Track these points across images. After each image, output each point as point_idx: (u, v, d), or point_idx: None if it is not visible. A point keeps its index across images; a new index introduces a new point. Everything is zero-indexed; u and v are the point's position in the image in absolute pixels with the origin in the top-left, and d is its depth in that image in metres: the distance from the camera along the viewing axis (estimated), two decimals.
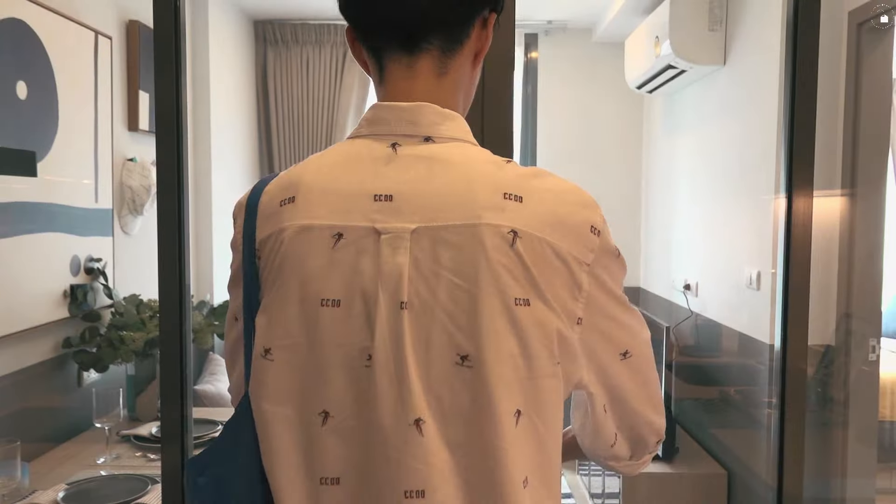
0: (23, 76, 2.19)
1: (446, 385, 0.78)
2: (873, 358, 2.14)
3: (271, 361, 0.82)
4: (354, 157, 0.84)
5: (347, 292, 0.79)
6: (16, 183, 2.17)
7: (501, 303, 0.77)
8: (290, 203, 0.83)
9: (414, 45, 0.85)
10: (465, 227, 0.78)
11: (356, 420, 0.80)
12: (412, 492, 0.78)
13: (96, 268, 2.56)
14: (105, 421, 2.18)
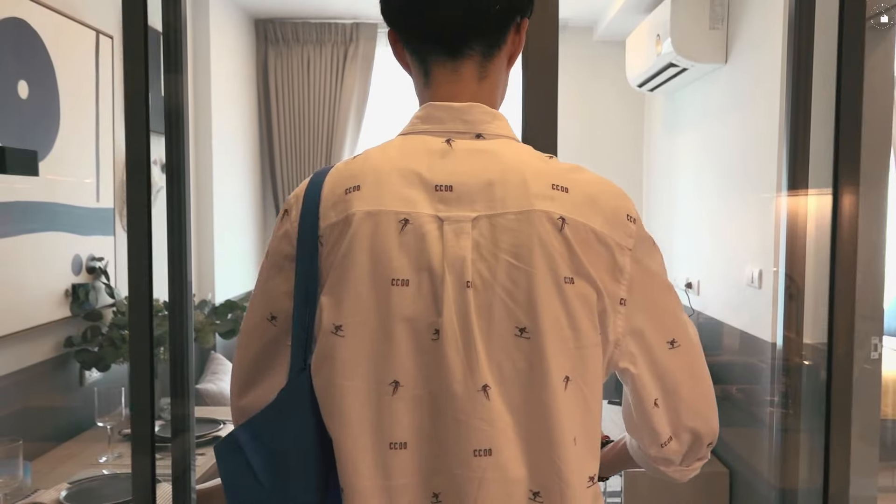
0: (24, 75, 2.19)
1: (506, 354, 0.88)
2: (875, 356, 2.13)
3: (342, 337, 0.89)
4: (412, 150, 0.93)
5: (415, 273, 0.88)
6: (17, 182, 2.17)
7: (553, 281, 0.87)
8: (356, 191, 0.90)
9: (457, 51, 0.94)
10: (520, 213, 0.88)
11: (424, 389, 0.88)
12: (480, 450, 0.87)
13: (98, 267, 2.57)
14: (107, 420, 2.19)
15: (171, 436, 1.47)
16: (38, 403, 2.32)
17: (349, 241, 0.89)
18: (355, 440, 0.89)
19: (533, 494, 0.89)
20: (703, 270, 3.48)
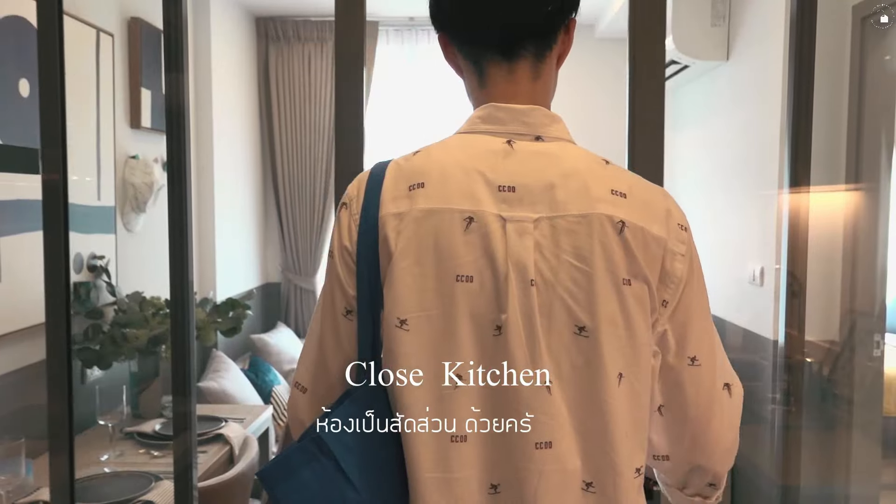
0: (25, 74, 2.18)
1: (565, 351, 0.91)
2: (878, 354, 2.13)
3: (406, 331, 0.91)
4: (475, 149, 0.95)
5: (479, 270, 0.90)
6: (19, 180, 2.17)
7: (612, 282, 0.90)
8: (420, 188, 0.92)
9: (512, 52, 0.96)
10: (581, 216, 0.91)
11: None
12: (542, 443, 0.90)
13: (99, 265, 2.56)
14: (108, 418, 2.19)
15: (173, 433, 1.48)
16: (40, 402, 2.31)
17: (414, 237, 0.91)
18: (417, 432, 0.91)
19: (586, 485, 0.92)
20: (704, 268, 3.47)
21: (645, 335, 0.92)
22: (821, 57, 1.44)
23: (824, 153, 2.27)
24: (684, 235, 0.97)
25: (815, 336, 2.28)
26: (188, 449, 1.46)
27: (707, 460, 1.01)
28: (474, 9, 0.95)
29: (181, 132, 1.43)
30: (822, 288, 2.27)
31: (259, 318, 4.36)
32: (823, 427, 2.25)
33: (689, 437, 0.99)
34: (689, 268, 0.97)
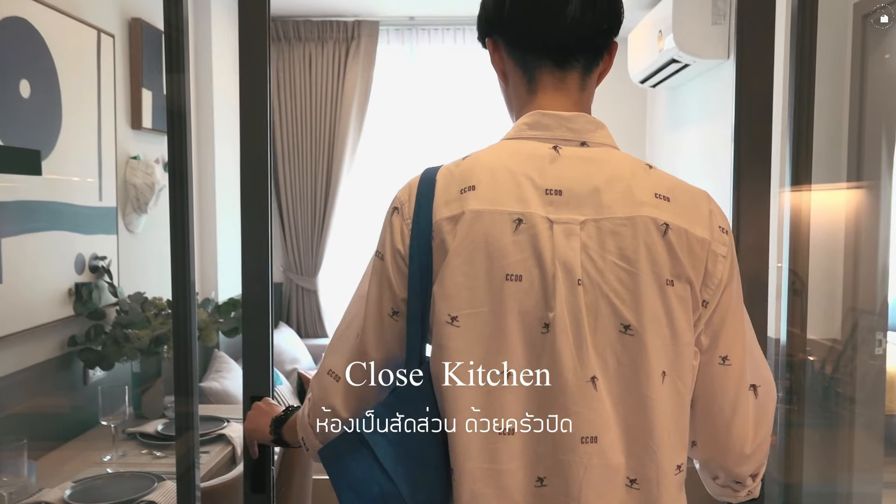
0: (26, 75, 2.19)
1: (611, 349, 0.94)
2: (880, 352, 2.13)
3: (457, 327, 0.94)
4: (522, 154, 0.98)
5: (528, 269, 0.93)
6: (20, 181, 2.17)
7: (656, 283, 0.94)
8: (472, 190, 0.96)
9: (566, 62, 1.01)
10: (626, 219, 0.94)
11: (531, 379, 0.94)
12: (587, 437, 0.93)
13: (101, 266, 2.57)
14: (111, 419, 2.19)
15: (176, 434, 1.48)
16: (42, 403, 2.32)
17: (465, 237, 0.94)
18: (465, 426, 0.94)
19: (630, 481, 0.95)
20: None
21: (688, 335, 0.96)
22: (821, 55, 1.43)
23: (825, 152, 2.27)
24: (726, 238, 1.00)
25: (816, 334, 2.27)
26: (190, 449, 1.47)
27: (724, 459, 1.04)
28: (538, 18, 0.99)
29: (182, 133, 1.44)
30: (823, 286, 2.27)
31: None
32: (826, 425, 2.25)
33: (709, 433, 1.03)
34: (729, 270, 0.99)
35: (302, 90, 4.31)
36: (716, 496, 1.13)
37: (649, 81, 3.77)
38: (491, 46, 1.07)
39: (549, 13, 0.98)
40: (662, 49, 3.26)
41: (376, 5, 4.13)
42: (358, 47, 4.27)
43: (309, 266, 4.43)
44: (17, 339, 2.16)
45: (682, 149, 3.84)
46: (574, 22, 0.98)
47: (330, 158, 4.34)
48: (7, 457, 1.78)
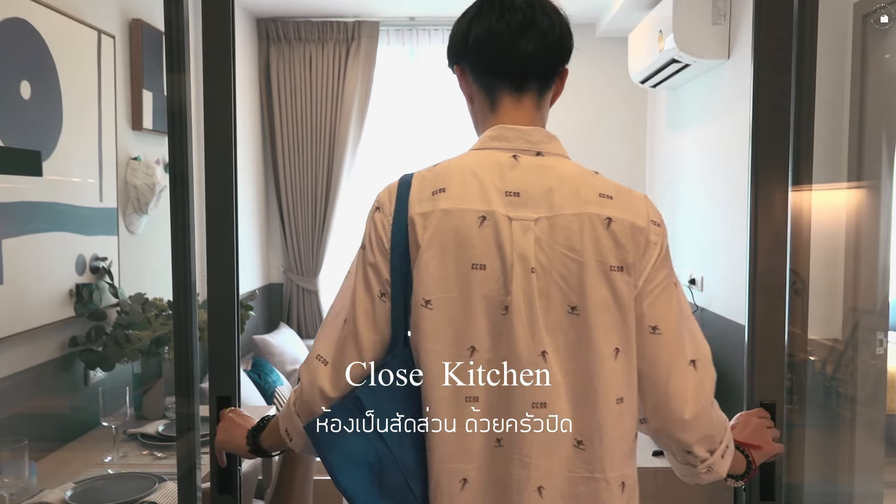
0: (26, 76, 2.19)
1: (559, 327, 1.09)
2: (881, 352, 2.13)
3: (430, 310, 1.10)
4: (486, 162, 1.14)
5: (490, 259, 1.09)
6: (21, 182, 2.17)
7: (601, 269, 1.09)
8: (442, 192, 1.11)
9: (522, 86, 1.19)
10: (574, 216, 1.10)
11: (493, 353, 1.09)
12: (537, 403, 1.09)
13: (101, 267, 2.57)
14: (112, 419, 2.19)
15: (177, 435, 1.48)
16: (43, 403, 2.32)
17: (436, 231, 1.10)
18: (440, 393, 1.10)
19: (577, 442, 1.10)
20: (706, 266, 3.47)
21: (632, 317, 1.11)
22: (822, 55, 1.43)
23: (826, 152, 2.26)
24: (658, 229, 1.16)
25: (817, 334, 2.27)
26: (192, 450, 1.46)
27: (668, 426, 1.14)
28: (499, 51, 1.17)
29: (183, 133, 1.43)
30: (824, 286, 2.27)
31: (261, 319, 4.36)
32: (827, 425, 2.24)
33: (652, 402, 1.14)
34: (659, 253, 1.14)
35: (302, 91, 4.31)
36: (684, 478, 1.22)
37: (649, 82, 3.77)
38: (459, 73, 1.24)
39: (505, 47, 1.16)
40: (663, 49, 3.26)
41: (376, 6, 4.13)
42: (358, 48, 4.28)
43: (309, 266, 4.43)
44: (18, 339, 2.16)
45: (682, 149, 3.84)
46: (526, 54, 1.16)
47: (330, 159, 4.34)
48: (8, 458, 1.77)
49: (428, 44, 4.36)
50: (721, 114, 3.28)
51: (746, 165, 1.44)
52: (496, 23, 1.18)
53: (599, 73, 4.47)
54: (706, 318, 3.44)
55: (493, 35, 1.17)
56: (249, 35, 4.22)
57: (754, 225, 1.39)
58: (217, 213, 1.40)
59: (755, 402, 1.39)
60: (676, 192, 3.93)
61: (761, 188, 1.40)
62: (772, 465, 1.38)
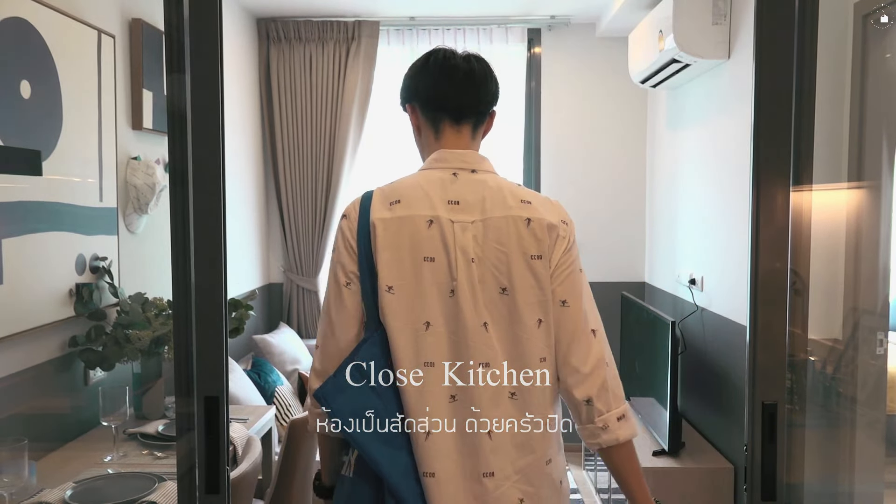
0: (26, 75, 2.19)
1: (494, 305, 1.40)
2: (881, 352, 2.13)
3: (393, 294, 1.39)
4: (431, 178, 1.47)
5: (438, 253, 1.39)
6: (21, 182, 2.17)
7: (524, 259, 1.41)
8: (398, 203, 1.43)
9: (460, 120, 1.52)
10: (501, 218, 1.41)
11: (444, 327, 1.39)
12: (482, 363, 1.39)
13: (101, 266, 2.57)
14: (112, 419, 2.19)
15: (176, 434, 1.47)
16: (43, 403, 2.32)
17: (394, 234, 1.40)
18: (404, 359, 1.39)
19: (511, 394, 1.41)
20: (707, 266, 3.47)
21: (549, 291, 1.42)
22: (822, 54, 1.43)
23: (826, 151, 2.26)
24: (566, 226, 1.48)
25: (817, 334, 2.27)
26: (192, 450, 1.46)
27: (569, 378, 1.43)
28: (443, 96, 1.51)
29: (183, 133, 1.43)
30: (824, 286, 2.27)
31: (261, 319, 4.36)
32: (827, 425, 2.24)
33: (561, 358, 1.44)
34: (567, 244, 1.46)
35: (302, 91, 4.31)
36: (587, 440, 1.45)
37: (650, 81, 3.77)
38: (410, 109, 1.57)
39: (448, 93, 1.50)
40: (663, 49, 3.26)
41: (376, 5, 4.13)
42: (358, 47, 4.28)
43: (309, 266, 4.43)
44: (17, 339, 2.16)
45: (682, 149, 3.84)
46: (464, 98, 1.51)
47: (330, 159, 4.34)
48: (8, 457, 1.77)
49: (428, 44, 4.36)
50: (721, 114, 3.28)
51: (747, 165, 1.44)
52: (439, 75, 1.52)
53: (599, 73, 4.47)
54: (706, 318, 3.44)
55: (439, 84, 1.52)
56: (249, 35, 4.22)
57: (755, 225, 1.39)
58: (204, 211, 1.39)
59: (756, 402, 1.39)
60: (676, 191, 3.93)
61: (762, 188, 1.40)
62: (772, 466, 1.38)
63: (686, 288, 3.67)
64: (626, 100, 4.48)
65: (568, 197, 4.53)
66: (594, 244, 4.54)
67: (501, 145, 4.36)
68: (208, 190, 1.40)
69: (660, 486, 3.15)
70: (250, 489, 2.21)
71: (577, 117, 4.51)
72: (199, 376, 1.41)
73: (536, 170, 4.53)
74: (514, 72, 4.40)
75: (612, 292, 4.51)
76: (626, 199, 4.53)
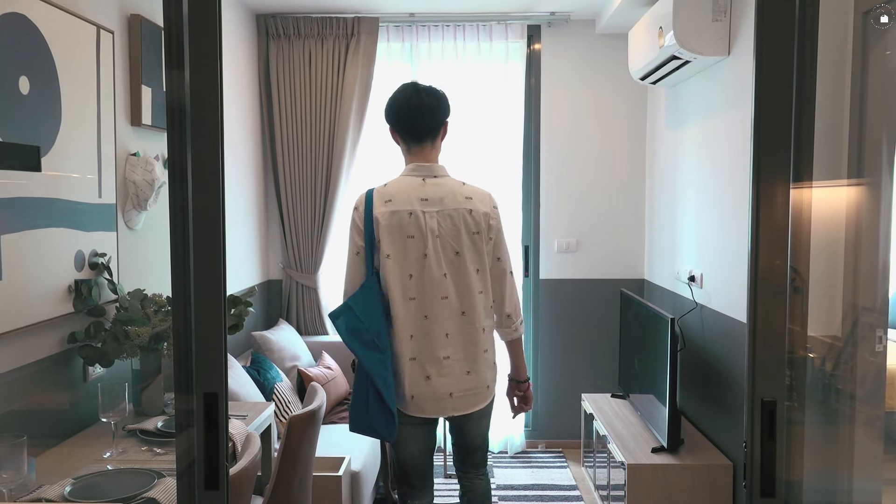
0: (25, 71, 2.18)
1: (450, 262, 2.41)
2: (880, 349, 2.13)
3: (390, 259, 2.37)
4: (409, 183, 2.43)
5: (416, 233, 2.37)
6: (20, 178, 2.17)
7: (468, 234, 2.42)
8: (390, 202, 2.39)
9: (422, 141, 2.48)
10: (454, 210, 2.41)
11: (420, 278, 2.38)
12: (444, 296, 2.39)
13: (100, 263, 2.56)
14: (111, 416, 2.19)
15: (176, 431, 1.47)
16: (42, 399, 2.32)
17: (388, 221, 2.37)
18: (396, 297, 2.37)
19: (461, 313, 2.41)
20: (706, 263, 3.47)
21: (484, 255, 2.44)
22: (822, 51, 1.43)
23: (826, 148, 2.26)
24: (495, 210, 2.49)
25: (817, 331, 2.27)
26: (191, 446, 1.46)
27: (498, 303, 2.52)
28: (410, 125, 2.45)
29: (182, 130, 1.42)
30: (823, 283, 2.27)
31: (260, 316, 4.35)
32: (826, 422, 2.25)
33: (496, 294, 2.52)
34: (496, 223, 2.48)
35: (302, 87, 4.31)
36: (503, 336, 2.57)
37: (649, 78, 3.77)
38: (392, 132, 2.50)
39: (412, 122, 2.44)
40: (663, 45, 3.26)
41: (376, 2, 4.12)
42: (358, 44, 4.27)
43: (308, 263, 4.42)
44: (16, 335, 2.16)
45: (682, 145, 3.84)
46: (424, 126, 2.45)
47: (330, 155, 4.34)
48: (7, 453, 1.78)
49: (427, 40, 4.35)
50: (721, 110, 3.28)
51: (746, 162, 1.44)
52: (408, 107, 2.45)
53: (599, 70, 4.47)
54: (705, 315, 3.45)
55: (405, 120, 2.46)
56: (249, 31, 4.21)
57: (755, 222, 1.39)
58: (203, 207, 1.39)
59: (756, 399, 1.39)
60: (676, 188, 3.92)
61: (762, 185, 1.40)
62: (772, 463, 1.38)
63: (685, 285, 3.67)
64: (626, 96, 4.48)
65: (567, 193, 4.53)
66: (593, 241, 4.54)
67: (501, 142, 4.36)
68: (207, 186, 1.39)
69: (659, 483, 3.15)
70: (249, 485, 2.21)
71: (576, 114, 4.51)
72: (198, 373, 1.41)
73: (536, 166, 4.52)
74: (514, 68, 4.39)
75: (612, 289, 4.51)
76: (625, 195, 4.53)
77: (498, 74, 4.38)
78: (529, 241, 4.59)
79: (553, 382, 4.62)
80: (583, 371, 4.60)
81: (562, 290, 4.58)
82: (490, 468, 4.32)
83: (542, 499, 3.89)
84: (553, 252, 4.57)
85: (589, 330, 4.58)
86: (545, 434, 4.66)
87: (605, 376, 4.56)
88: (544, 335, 4.60)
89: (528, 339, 4.62)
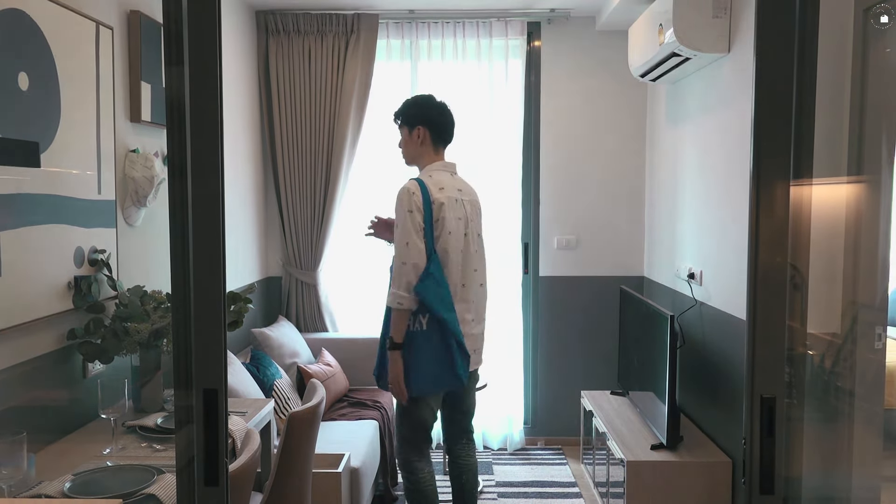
0: (24, 67, 2.18)
1: (478, 241, 3.08)
2: (879, 346, 2.13)
3: (450, 235, 2.89)
4: (446, 175, 3.00)
5: (461, 215, 2.96)
6: (19, 174, 2.17)
7: (479, 217, 3.12)
8: (443, 189, 2.91)
9: (446, 145, 3.08)
10: (471, 200, 3.07)
11: (465, 251, 2.97)
12: (475, 269, 3.02)
13: (100, 259, 2.56)
14: (110, 412, 2.19)
15: (175, 427, 1.47)
16: (42, 396, 2.32)
17: (446, 206, 2.89)
18: (453, 269, 2.92)
19: (480, 285, 3.06)
20: (706, 261, 3.47)
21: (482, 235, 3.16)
22: (822, 48, 1.43)
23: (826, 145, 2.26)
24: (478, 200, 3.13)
25: (816, 328, 2.27)
26: (191, 442, 1.46)
27: None
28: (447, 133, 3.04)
29: (182, 126, 1.42)
30: (823, 280, 2.27)
31: (260, 312, 4.36)
32: (825, 419, 2.25)
33: None
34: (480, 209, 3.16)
35: (301, 84, 4.30)
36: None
37: (649, 75, 3.77)
38: (420, 130, 2.99)
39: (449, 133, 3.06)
40: (663, 43, 3.25)
41: None
42: (357, 41, 4.26)
43: (308, 260, 4.42)
44: (16, 332, 2.16)
45: (682, 142, 3.84)
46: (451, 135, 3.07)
47: (330, 152, 4.33)
48: (7, 450, 1.78)
49: (427, 37, 4.35)
50: (721, 107, 3.27)
51: (746, 159, 1.44)
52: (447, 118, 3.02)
53: (599, 67, 4.46)
54: (705, 313, 3.45)
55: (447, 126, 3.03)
56: (248, 27, 4.20)
57: (755, 219, 1.38)
58: (202, 204, 1.39)
59: (755, 396, 1.39)
60: (676, 185, 3.92)
61: (762, 182, 1.39)
62: (771, 459, 1.38)
63: (685, 282, 3.68)
64: (626, 93, 4.47)
65: (566, 190, 4.53)
66: (593, 238, 4.54)
67: (500, 139, 4.35)
68: (207, 183, 1.39)
69: (658, 479, 3.15)
70: (249, 482, 2.21)
71: (576, 111, 4.51)
72: (197, 369, 1.41)
73: (535, 163, 4.52)
74: (514, 65, 4.39)
75: (611, 286, 4.51)
76: (625, 192, 4.53)
77: (498, 71, 4.38)
78: (529, 237, 4.59)
79: (552, 379, 4.62)
80: (582, 368, 4.60)
81: (561, 287, 4.59)
82: (489, 465, 4.32)
83: (541, 496, 3.89)
84: (552, 249, 4.57)
85: (588, 327, 4.58)
86: (544, 431, 4.67)
87: (605, 373, 4.56)
88: (544, 332, 4.60)
89: (527, 337, 4.62)
